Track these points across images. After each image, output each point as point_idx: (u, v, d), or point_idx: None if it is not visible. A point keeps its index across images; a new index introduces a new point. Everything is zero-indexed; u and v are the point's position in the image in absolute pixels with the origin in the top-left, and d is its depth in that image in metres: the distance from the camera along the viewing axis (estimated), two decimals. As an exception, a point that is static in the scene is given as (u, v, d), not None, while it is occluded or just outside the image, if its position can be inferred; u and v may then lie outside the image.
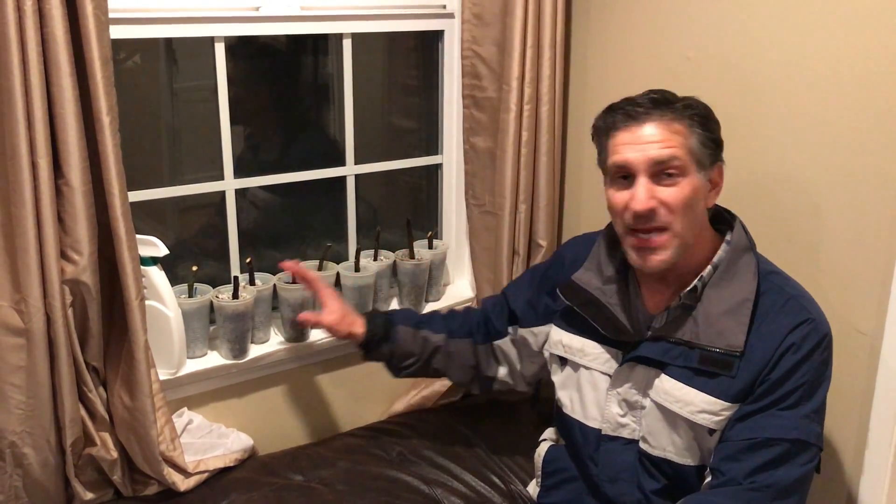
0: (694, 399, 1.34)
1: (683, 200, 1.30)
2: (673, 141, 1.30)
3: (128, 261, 1.52)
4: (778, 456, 1.28)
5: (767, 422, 1.30)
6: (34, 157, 1.40)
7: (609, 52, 2.01)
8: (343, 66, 1.98)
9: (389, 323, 1.71)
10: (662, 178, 1.30)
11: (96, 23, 1.39)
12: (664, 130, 1.30)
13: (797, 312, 1.32)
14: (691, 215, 1.32)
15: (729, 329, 1.32)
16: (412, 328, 1.71)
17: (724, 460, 1.32)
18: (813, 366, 1.31)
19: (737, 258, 1.37)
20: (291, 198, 2.09)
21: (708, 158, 1.33)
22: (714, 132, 1.35)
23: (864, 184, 1.50)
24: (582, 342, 1.50)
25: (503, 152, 1.99)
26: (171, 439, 1.66)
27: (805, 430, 1.29)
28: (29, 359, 1.48)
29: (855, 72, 1.49)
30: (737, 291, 1.34)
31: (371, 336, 1.70)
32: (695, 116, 1.32)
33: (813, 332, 1.31)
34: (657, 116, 1.31)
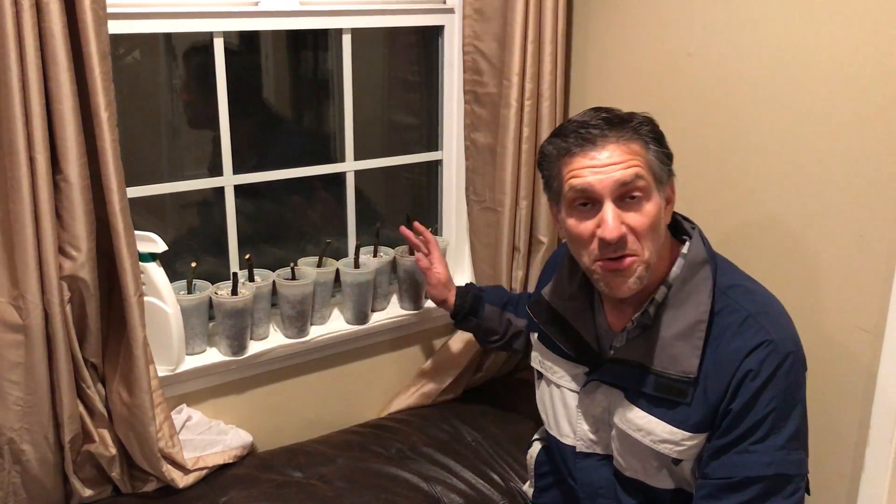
0: (655, 429, 1.30)
1: (650, 224, 1.23)
2: (634, 160, 1.22)
3: (126, 257, 1.52)
4: (759, 494, 1.22)
5: (743, 459, 1.23)
6: (32, 152, 1.39)
7: (610, 48, 2.00)
8: (343, 62, 1.97)
9: (478, 300, 1.78)
10: (626, 202, 1.23)
11: (94, 17, 1.39)
12: (623, 151, 1.23)
13: (754, 334, 1.23)
14: (657, 238, 1.26)
15: (682, 354, 1.26)
16: (499, 308, 1.77)
17: (704, 499, 1.27)
18: (778, 391, 1.22)
19: (692, 274, 1.28)
20: (291, 194, 2.08)
21: (665, 174, 1.27)
22: (667, 147, 1.28)
23: (866, 181, 1.49)
24: (553, 358, 1.48)
25: (504, 148, 1.99)
26: (170, 436, 1.66)
27: (783, 463, 1.22)
28: (27, 355, 1.48)
29: (856, 68, 1.48)
30: (690, 312, 1.26)
31: (459, 309, 1.79)
32: (649, 133, 1.26)
33: (772, 355, 1.22)
34: (614, 138, 1.23)
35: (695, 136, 1.79)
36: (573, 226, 1.27)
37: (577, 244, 1.29)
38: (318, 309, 1.99)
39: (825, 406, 1.61)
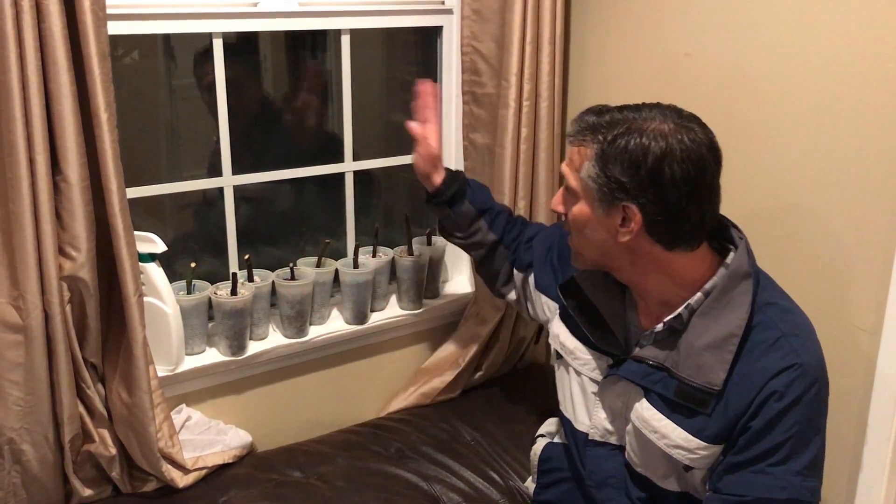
0: (671, 433, 1.29)
1: (573, 219, 1.32)
2: (572, 166, 1.29)
3: (126, 257, 1.52)
4: None
5: (759, 479, 1.23)
6: (32, 153, 1.39)
7: (608, 48, 2.01)
8: (342, 63, 1.98)
9: (460, 193, 1.71)
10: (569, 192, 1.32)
11: (94, 18, 1.39)
12: (575, 154, 1.29)
13: (785, 355, 1.22)
14: (584, 237, 1.32)
15: (709, 365, 1.24)
16: (475, 211, 1.71)
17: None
18: (802, 416, 1.22)
19: (733, 286, 1.26)
20: (290, 194, 2.08)
21: (599, 194, 1.25)
22: (612, 174, 1.22)
23: (863, 179, 1.49)
24: (575, 344, 1.48)
25: (502, 149, 1.99)
26: (170, 436, 1.66)
27: (798, 489, 1.23)
28: (27, 355, 1.48)
29: (854, 69, 1.48)
30: (725, 324, 1.25)
31: (438, 194, 1.71)
32: (598, 152, 1.24)
33: (800, 379, 1.21)
34: (577, 141, 1.28)
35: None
36: None
37: None
38: (317, 309, 1.99)
39: (823, 405, 1.62)
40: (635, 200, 1.22)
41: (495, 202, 1.76)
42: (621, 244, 1.27)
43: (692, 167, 1.20)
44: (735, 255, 1.29)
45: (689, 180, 1.20)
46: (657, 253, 1.27)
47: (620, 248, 1.28)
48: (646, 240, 1.26)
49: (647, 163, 1.19)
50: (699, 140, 1.21)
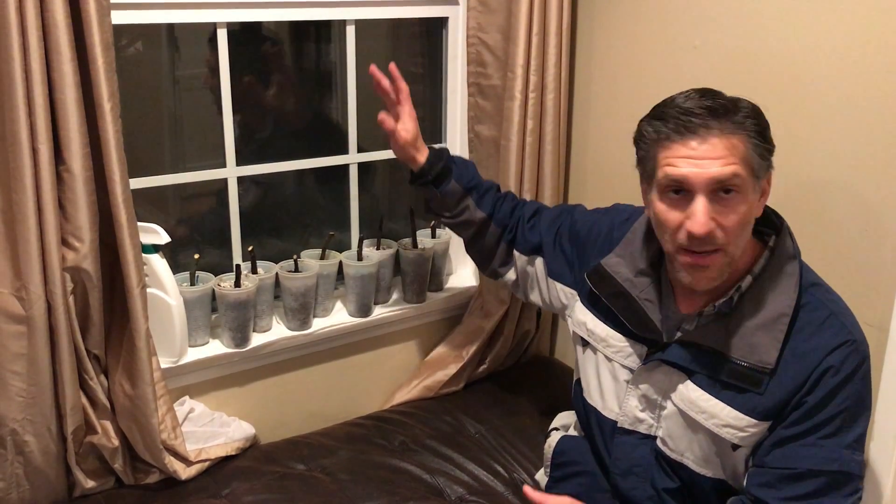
0: (720, 412, 1.29)
1: (740, 222, 1.22)
2: (733, 157, 1.19)
3: (129, 248, 1.52)
4: (819, 488, 1.23)
5: (808, 452, 1.24)
6: (35, 143, 1.39)
7: (615, 40, 1.99)
8: (346, 54, 1.97)
9: (446, 171, 1.66)
10: (719, 197, 1.20)
11: (97, 8, 1.38)
12: (724, 145, 1.19)
13: (837, 332, 1.24)
14: (745, 234, 1.25)
15: (762, 344, 1.25)
16: (462, 189, 1.66)
17: (761, 487, 1.27)
18: (854, 390, 1.24)
19: (779, 267, 1.28)
20: (294, 186, 2.08)
21: (763, 169, 1.23)
22: (770, 141, 1.24)
23: (871, 175, 1.48)
24: (607, 331, 1.45)
25: (508, 141, 1.98)
26: (173, 428, 1.66)
27: (848, 462, 1.23)
28: (30, 346, 1.48)
29: (862, 61, 1.47)
30: (775, 304, 1.26)
31: (422, 175, 1.66)
32: (753, 127, 1.21)
33: (853, 354, 1.23)
34: (717, 130, 1.19)
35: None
36: (662, 211, 1.26)
37: (662, 230, 1.28)
38: (320, 301, 1.99)
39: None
40: (773, 165, 1.26)
41: (482, 179, 1.71)
42: (751, 226, 1.27)
43: None
44: (778, 238, 1.31)
45: None
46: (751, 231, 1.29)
47: (750, 232, 1.28)
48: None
49: (768, 125, 1.25)
50: None
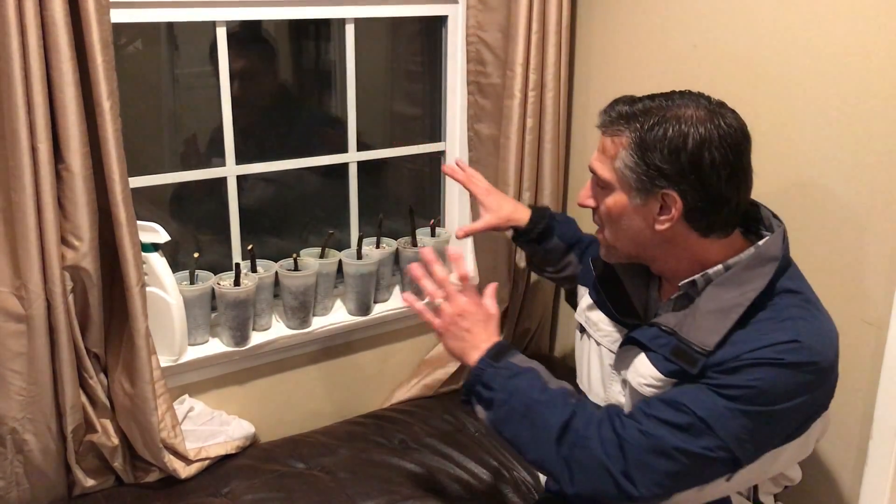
0: (647, 372, 1.30)
1: (606, 212, 1.32)
2: (605, 157, 1.29)
3: (129, 247, 1.52)
4: (680, 423, 1.19)
5: (691, 390, 1.22)
6: (34, 141, 1.39)
7: (615, 39, 1.99)
8: (346, 52, 1.96)
9: (549, 230, 1.74)
10: (600, 187, 1.33)
11: (97, 6, 1.38)
12: (608, 144, 1.29)
13: (785, 331, 1.20)
14: (618, 229, 1.31)
15: (708, 327, 1.24)
16: (565, 246, 1.74)
17: (640, 403, 1.28)
18: (777, 376, 1.17)
19: (755, 266, 1.26)
20: (293, 185, 2.08)
21: (638, 183, 1.25)
22: (651, 161, 1.23)
23: (871, 172, 1.48)
24: (599, 316, 1.49)
25: (507, 139, 1.98)
26: (173, 426, 1.66)
27: (718, 419, 1.18)
28: (29, 345, 1.48)
29: (861, 61, 1.47)
30: (734, 295, 1.25)
31: (528, 232, 1.74)
32: (634, 134, 1.24)
33: (793, 352, 1.18)
34: (611, 131, 1.28)
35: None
36: None
37: None
38: (320, 300, 1.99)
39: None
40: (676, 187, 1.23)
41: (583, 233, 1.77)
42: (658, 233, 1.28)
43: (730, 152, 1.22)
44: (768, 239, 1.29)
45: (728, 164, 1.22)
46: (693, 241, 1.28)
47: (656, 238, 1.29)
48: (683, 227, 1.27)
49: (688, 149, 1.21)
50: (734, 125, 1.23)
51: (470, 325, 1.39)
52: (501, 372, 1.32)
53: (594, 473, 1.22)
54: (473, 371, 1.35)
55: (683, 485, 1.23)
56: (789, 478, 1.43)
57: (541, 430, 1.27)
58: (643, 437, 1.21)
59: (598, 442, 1.23)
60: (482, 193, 1.76)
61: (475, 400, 1.35)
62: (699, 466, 1.21)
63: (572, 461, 1.24)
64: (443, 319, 1.41)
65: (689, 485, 1.23)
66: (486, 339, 1.38)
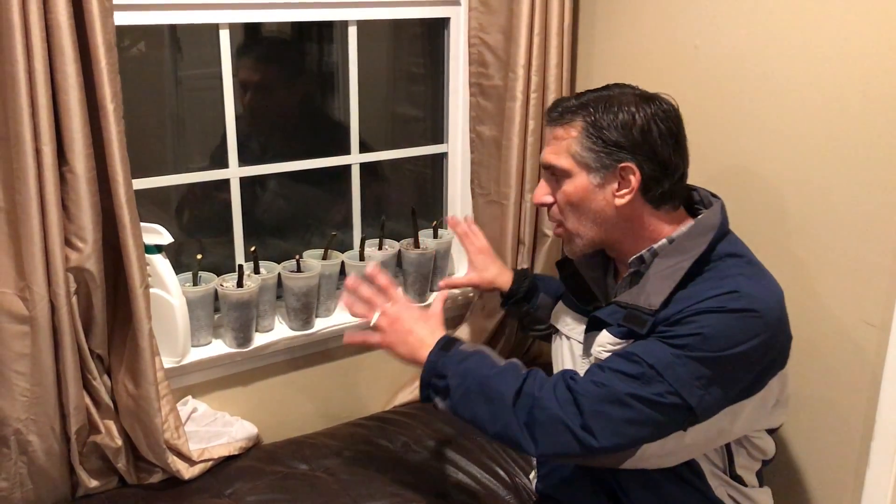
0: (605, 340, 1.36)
1: (567, 202, 1.39)
2: (559, 147, 1.38)
3: (132, 248, 1.52)
4: (631, 372, 1.25)
5: (642, 343, 1.29)
6: (38, 143, 1.39)
7: (616, 40, 1.99)
8: (348, 54, 1.97)
9: (534, 288, 1.78)
10: (555, 178, 1.41)
11: (100, 9, 1.39)
12: (559, 135, 1.38)
13: (726, 286, 1.27)
14: (580, 214, 1.39)
15: (654, 290, 1.32)
16: (552, 300, 1.75)
17: (597, 360, 1.34)
18: (720, 322, 1.23)
19: (696, 235, 1.35)
20: (296, 186, 2.08)
21: (597, 161, 1.35)
22: (607, 136, 1.34)
23: (873, 174, 1.48)
24: (567, 311, 1.58)
25: (509, 141, 1.98)
26: (176, 427, 1.66)
27: (667, 366, 1.24)
28: (33, 346, 1.48)
29: (864, 62, 1.47)
30: (677, 261, 1.33)
31: (514, 293, 1.78)
32: (587, 120, 1.35)
33: (734, 300, 1.24)
34: (557, 122, 1.38)
35: (701, 128, 1.79)
36: None
37: None
38: (323, 301, 1.99)
39: (830, 400, 1.61)
40: (633, 158, 1.34)
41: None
42: (618, 211, 1.36)
43: (672, 124, 1.36)
44: (707, 211, 1.39)
45: (673, 135, 1.35)
46: (647, 215, 1.38)
47: (616, 216, 1.37)
48: (639, 201, 1.36)
49: (637, 124, 1.33)
50: (669, 105, 1.38)
51: (409, 325, 1.44)
52: (452, 359, 1.37)
53: (553, 430, 1.27)
54: (426, 366, 1.39)
55: (641, 433, 1.26)
56: (761, 449, 1.44)
57: (496, 401, 1.31)
58: (596, 387, 1.26)
59: (553, 401, 1.27)
60: (473, 251, 1.81)
61: (433, 393, 1.39)
62: (653, 412, 1.25)
63: (532, 423, 1.28)
64: (383, 332, 1.46)
65: (647, 434, 1.26)
66: (430, 333, 1.43)
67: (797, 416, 1.66)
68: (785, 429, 1.70)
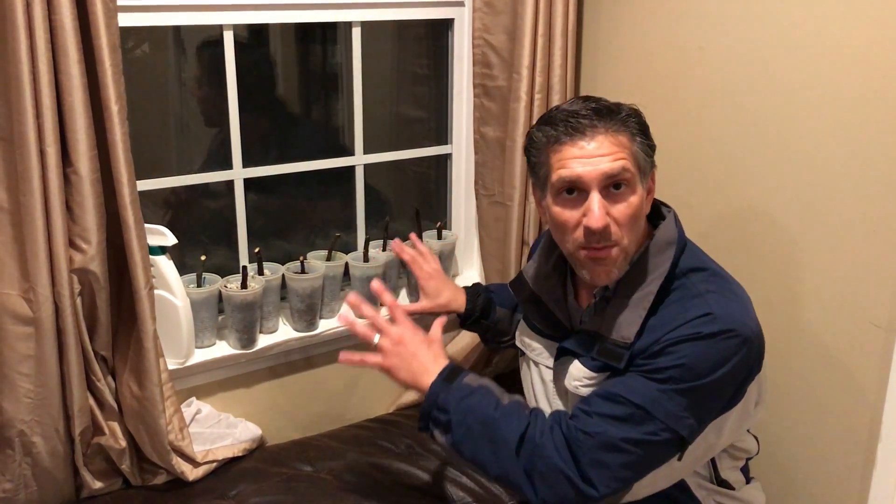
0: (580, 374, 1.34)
1: (632, 216, 1.27)
2: (621, 153, 1.25)
3: (136, 249, 1.52)
4: (620, 415, 1.23)
5: (624, 381, 1.26)
6: (42, 145, 1.39)
7: (621, 42, 1.99)
8: (352, 55, 1.97)
9: (489, 303, 1.73)
10: (611, 193, 1.26)
11: (105, 10, 1.39)
12: (611, 142, 1.25)
13: (697, 307, 1.24)
14: (637, 228, 1.31)
15: (625, 321, 1.28)
16: (509, 311, 1.73)
17: (580, 401, 1.30)
18: (699, 349, 1.21)
19: (656, 253, 1.31)
20: (300, 188, 2.08)
21: (648, 166, 1.31)
22: (651, 138, 1.31)
23: (878, 173, 1.48)
24: (532, 336, 1.51)
25: (513, 142, 1.98)
26: (180, 429, 1.66)
27: (655, 403, 1.22)
28: (37, 348, 1.48)
29: (867, 61, 1.47)
30: (643, 285, 1.29)
31: (469, 314, 1.73)
32: (636, 125, 1.29)
33: (709, 324, 1.22)
34: (602, 129, 1.25)
35: (705, 129, 1.78)
36: (558, 213, 1.29)
37: (561, 231, 1.31)
38: (327, 302, 1.99)
39: (836, 402, 1.60)
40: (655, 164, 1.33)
41: None
42: (643, 222, 1.33)
43: None
44: (662, 225, 1.34)
45: None
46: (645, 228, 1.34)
47: (643, 228, 1.33)
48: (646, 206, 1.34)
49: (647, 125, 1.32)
50: None
51: (413, 348, 1.39)
52: (455, 394, 1.32)
53: (553, 479, 1.25)
54: (428, 395, 1.34)
55: (639, 473, 1.25)
56: (744, 449, 1.44)
57: (500, 445, 1.28)
58: (589, 436, 1.24)
59: (553, 449, 1.25)
60: (424, 278, 1.75)
61: (432, 425, 1.35)
62: (649, 452, 1.24)
63: (533, 471, 1.26)
64: (385, 354, 1.41)
65: (644, 472, 1.26)
66: (434, 360, 1.37)
67: (803, 417, 1.66)
68: (790, 430, 1.69)
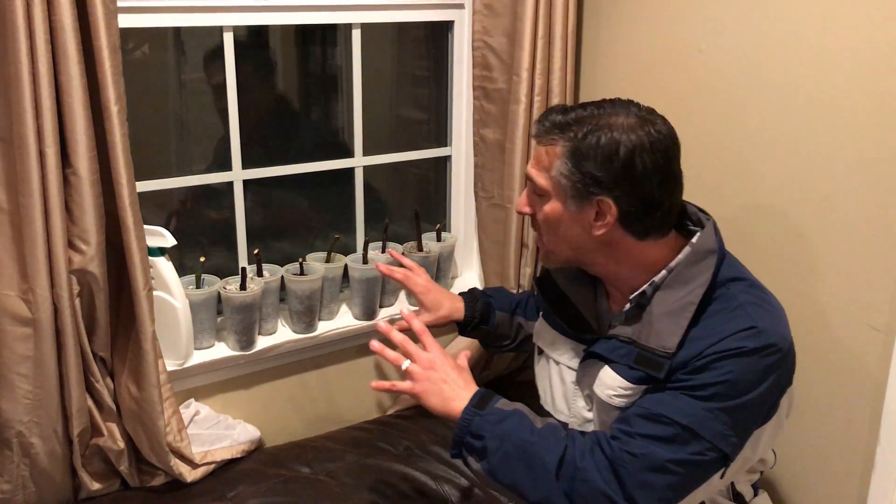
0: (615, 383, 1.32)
1: (545, 221, 1.33)
2: (541, 165, 1.31)
3: (136, 251, 1.52)
4: (665, 436, 1.21)
5: (668, 400, 1.23)
6: (42, 146, 1.39)
7: (620, 44, 1.99)
8: (352, 57, 1.97)
9: (488, 308, 1.73)
10: (537, 194, 1.34)
11: (105, 11, 1.39)
12: (543, 153, 1.31)
13: (740, 319, 1.23)
14: (556, 235, 1.34)
15: (666, 330, 1.26)
16: (508, 314, 1.73)
17: (618, 421, 1.28)
18: (742, 367, 1.20)
19: (696, 262, 1.30)
20: (300, 189, 2.08)
21: (573, 191, 1.28)
22: (586, 169, 1.25)
23: (878, 175, 1.48)
24: (553, 335, 1.50)
25: (513, 144, 1.98)
26: (179, 430, 1.66)
27: (702, 423, 1.20)
28: (36, 348, 1.48)
29: (867, 63, 1.47)
30: (684, 294, 1.28)
31: (469, 321, 1.72)
32: (568, 144, 1.27)
33: (753, 338, 1.21)
34: (546, 140, 1.30)
35: (705, 132, 1.78)
36: None
37: None
38: (326, 304, 1.99)
39: (835, 405, 1.60)
40: (610, 193, 1.26)
41: (514, 294, 1.79)
42: (595, 238, 1.30)
43: (661, 157, 1.25)
44: (701, 234, 1.32)
45: (659, 170, 1.25)
46: (630, 244, 1.31)
47: (594, 243, 1.32)
48: (619, 231, 1.30)
49: (620, 156, 1.23)
50: (663, 131, 1.26)
51: (444, 374, 1.37)
52: (489, 419, 1.30)
53: (596, 503, 1.22)
54: (460, 422, 1.32)
55: (683, 493, 1.24)
56: (764, 462, 1.43)
57: (539, 469, 1.26)
58: (634, 458, 1.21)
59: (595, 472, 1.23)
60: (421, 292, 1.73)
61: (466, 451, 1.33)
62: (694, 472, 1.22)
63: (573, 494, 1.24)
64: (415, 380, 1.38)
65: (688, 491, 1.24)
66: (465, 386, 1.36)
67: (802, 421, 1.66)
68: (789, 434, 1.69)
